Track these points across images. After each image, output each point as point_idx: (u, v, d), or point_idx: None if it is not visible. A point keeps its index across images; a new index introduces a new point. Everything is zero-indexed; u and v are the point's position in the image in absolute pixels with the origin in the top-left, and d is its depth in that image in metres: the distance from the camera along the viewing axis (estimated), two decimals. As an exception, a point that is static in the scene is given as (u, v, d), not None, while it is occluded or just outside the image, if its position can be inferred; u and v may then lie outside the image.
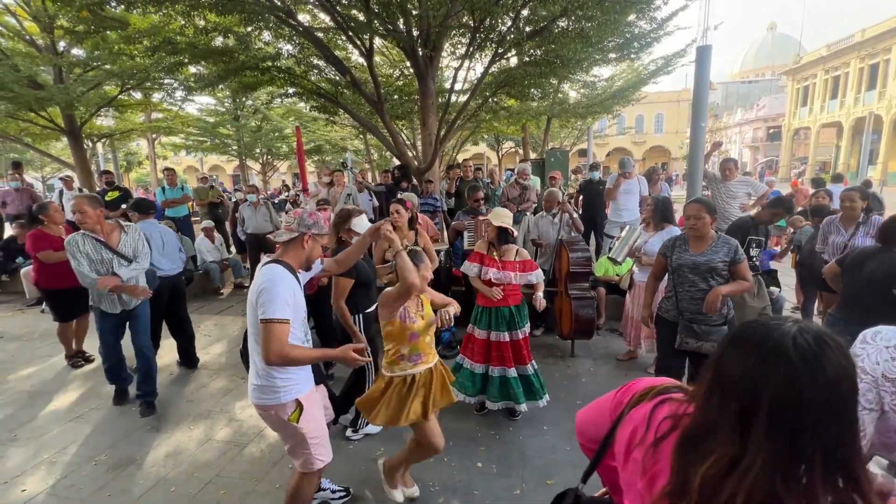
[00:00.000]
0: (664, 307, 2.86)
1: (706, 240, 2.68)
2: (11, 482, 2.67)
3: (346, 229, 2.86)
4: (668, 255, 2.80)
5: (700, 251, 2.66)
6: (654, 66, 11.62)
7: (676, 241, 2.81)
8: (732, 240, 2.67)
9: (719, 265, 2.61)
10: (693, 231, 2.66)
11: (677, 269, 2.72)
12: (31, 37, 8.84)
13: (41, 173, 25.58)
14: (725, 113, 46.02)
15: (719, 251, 2.63)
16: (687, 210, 2.72)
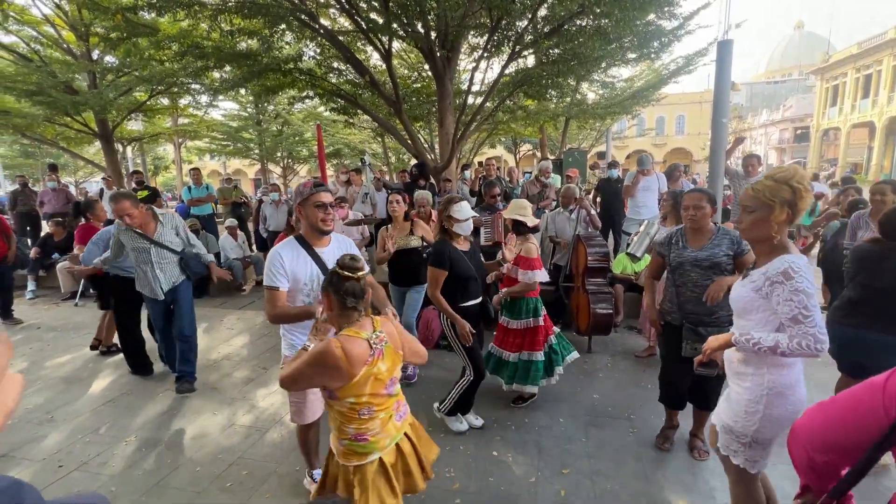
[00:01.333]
0: (665, 309, 2.61)
1: (705, 233, 2.45)
2: (49, 459, 2.82)
3: (446, 216, 2.81)
4: (665, 252, 2.56)
5: (700, 246, 2.43)
6: (674, 65, 11.46)
7: (672, 237, 2.57)
8: (733, 231, 2.44)
9: (723, 259, 2.38)
10: (693, 223, 2.44)
11: (677, 268, 2.49)
12: (68, 45, 9.30)
13: (74, 177, 26.67)
14: (750, 114, 44.91)
15: (721, 244, 2.40)
16: (686, 200, 2.48)
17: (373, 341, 1.53)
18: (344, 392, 1.50)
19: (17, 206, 7.88)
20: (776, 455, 1.66)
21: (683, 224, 2.55)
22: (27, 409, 3.46)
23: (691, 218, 2.44)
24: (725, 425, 1.67)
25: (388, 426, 1.61)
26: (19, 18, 8.51)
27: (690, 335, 2.43)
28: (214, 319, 5.57)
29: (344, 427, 1.56)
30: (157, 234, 3.41)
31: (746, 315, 1.63)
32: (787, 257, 1.52)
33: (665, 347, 2.72)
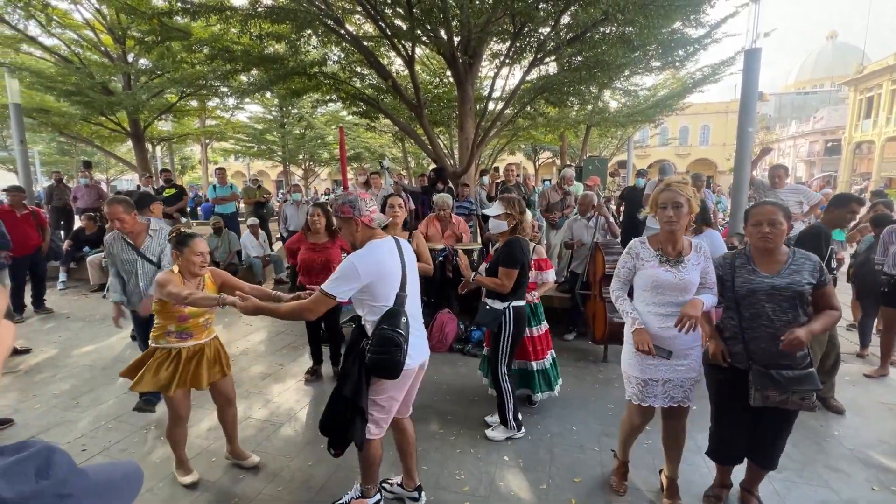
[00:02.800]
0: (729, 350, 2.10)
1: (779, 255, 2.02)
2: (74, 442, 2.92)
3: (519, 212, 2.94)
4: (728, 278, 2.08)
5: (776, 271, 1.98)
6: (699, 74, 11.27)
7: (735, 258, 2.10)
8: (813, 255, 2.02)
9: (806, 289, 1.94)
10: (765, 242, 1.96)
11: (746, 298, 2.02)
12: (106, 48, 9.71)
13: (106, 175, 27.68)
14: (778, 125, 43.75)
15: (801, 271, 1.96)
16: (756, 214, 2.00)
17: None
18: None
19: (52, 201, 8.22)
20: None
21: (747, 244, 2.12)
22: (55, 394, 3.60)
23: (764, 236, 1.96)
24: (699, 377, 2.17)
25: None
26: (62, 22, 8.93)
27: (761, 381, 1.97)
28: (233, 315, 5.68)
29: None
30: (144, 247, 3.20)
31: (692, 293, 2.06)
32: (696, 240, 2.15)
33: (722, 394, 2.18)
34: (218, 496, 2.43)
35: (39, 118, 10.18)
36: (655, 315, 2.11)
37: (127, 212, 3.08)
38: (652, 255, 2.14)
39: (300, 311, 1.99)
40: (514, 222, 2.75)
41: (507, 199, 2.77)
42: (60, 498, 0.58)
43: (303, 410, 3.32)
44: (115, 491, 0.67)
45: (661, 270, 2.07)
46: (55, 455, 0.61)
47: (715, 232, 3.73)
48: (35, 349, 4.52)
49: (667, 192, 2.07)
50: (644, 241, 2.22)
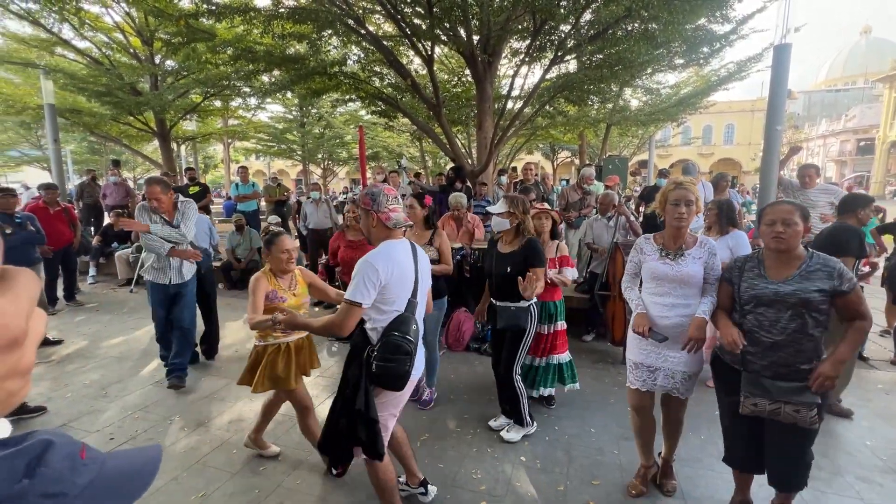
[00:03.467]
0: (725, 349, 2.01)
1: (792, 260, 1.86)
2: (102, 431, 3.02)
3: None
4: (735, 281, 2.00)
5: (784, 277, 1.84)
6: (725, 71, 10.98)
7: (746, 261, 2.01)
8: (834, 260, 1.82)
9: (814, 296, 1.77)
10: (779, 243, 1.83)
11: (750, 303, 1.90)
12: (135, 50, 10.02)
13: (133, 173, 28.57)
14: (807, 124, 42.33)
15: (814, 278, 1.79)
16: (770, 213, 1.87)
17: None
18: None
19: (83, 198, 8.51)
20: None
21: (762, 246, 2.00)
22: (85, 384, 3.73)
23: (777, 237, 1.83)
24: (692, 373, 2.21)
25: None
26: (94, 25, 9.25)
27: (751, 387, 1.87)
28: (254, 311, 5.78)
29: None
30: (175, 220, 3.57)
31: (692, 286, 2.15)
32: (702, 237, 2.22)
33: (728, 401, 2.07)
34: (238, 487, 2.48)
35: (72, 118, 10.56)
36: (656, 304, 2.23)
37: (164, 192, 3.42)
38: (653, 249, 2.26)
39: (331, 327, 1.84)
40: (516, 221, 2.74)
41: (511, 197, 2.78)
42: (47, 498, 0.53)
43: (322, 405, 3.36)
44: (119, 486, 0.62)
45: (659, 263, 2.20)
46: (49, 451, 0.56)
47: (741, 233, 3.62)
48: (66, 340, 4.70)
49: (679, 191, 2.11)
50: (650, 237, 2.32)
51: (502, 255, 2.79)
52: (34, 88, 10.00)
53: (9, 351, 0.28)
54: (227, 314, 5.54)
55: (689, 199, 2.08)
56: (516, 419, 2.91)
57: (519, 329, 2.75)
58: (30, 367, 0.30)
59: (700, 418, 3.13)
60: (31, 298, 0.31)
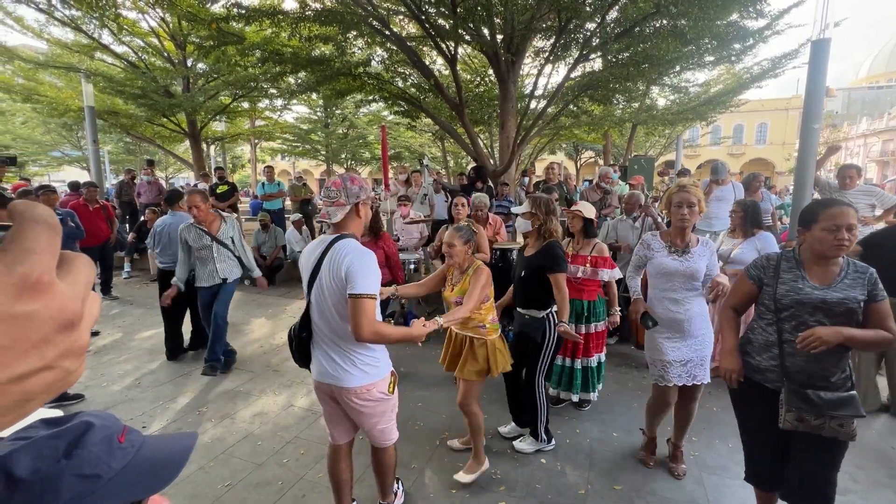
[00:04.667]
0: (756, 365, 1.87)
1: (833, 265, 1.74)
2: (136, 419, 3.15)
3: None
4: (769, 282, 1.84)
5: (828, 282, 1.72)
6: (758, 69, 10.58)
7: (780, 260, 1.85)
8: (866, 266, 1.74)
9: (857, 307, 1.68)
10: (838, 251, 1.68)
11: (789, 309, 1.76)
12: (168, 53, 10.39)
13: (165, 172, 29.61)
14: (846, 123, 40.43)
15: (856, 285, 1.70)
16: (828, 217, 1.68)
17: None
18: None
19: (121, 196, 8.89)
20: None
21: (799, 246, 1.85)
22: (119, 374, 3.89)
23: (840, 243, 1.66)
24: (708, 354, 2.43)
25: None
26: (131, 31, 9.63)
27: (795, 401, 1.72)
28: (278, 307, 5.93)
29: (485, 317, 2.39)
30: (221, 233, 3.79)
31: (697, 280, 2.35)
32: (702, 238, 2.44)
33: (748, 415, 1.99)
34: (262, 478, 2.54)
35: (110, 119, 11.03)
36: (667, 300, 2.40)
37: (203, 200, 3.65)
38: (661, 246, 2.44)
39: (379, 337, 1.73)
40: (538, 222, 2.64)
41: (535, 198, 2.68)
42: (83, 479, 0.56)
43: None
44: (153, 471, 0.64)
45: (668, 260, 2.37)
46: (89, 433, 0.59)
47: (767, 234, 3.51)
48: (103, 332, 4.92)
49: (682, 194, 2.32)
50: (656, 234, 2.52)
51: (523, 258, 2.74)
52: (76, 91, 10.50)
53: (67, 331, 0.30)
54: (253, 310, 5.69)
55: (691, 202, 2.29)
56: (532, 431, 2.78)
57: (533, 340, 2.64)
58: (85, 348, 0.32)
59: (727, 426, 3.03)
60: (87, 282, 0.33)
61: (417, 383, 3.71)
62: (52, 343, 0.29)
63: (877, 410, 3.23)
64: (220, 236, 3.78)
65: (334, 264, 1.73)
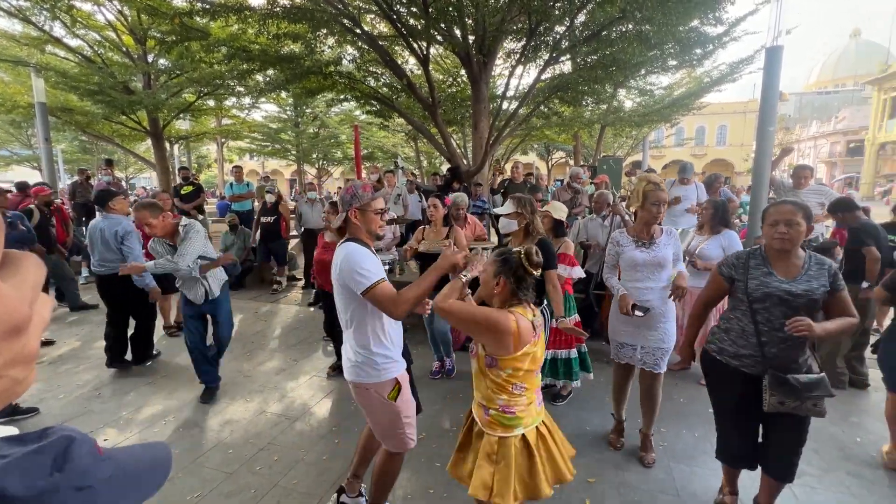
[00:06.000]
0: (735, 352, 2.01)
1: (795, 259, 1.92)
2: (95, 431, 3.00)
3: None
4: (739, 277, 2.01)
5: (793, 276, 1.89)
6: (717, 73, 11.07)
7: (749, 258, 2.01)
8: (827, 259, 1.93)
9: (821, 297, 1.86)
10: (783, 244, 1.88)
11: (759, 301, 1.93)
12: (127, 48, 9.92)
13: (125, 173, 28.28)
14: (798, 125, 42.78)
15: (819, 276, 1.87)
16: (773, 214, 1.91)
17: (536, 324, 1.66)
18: (505, 362, 1.60)
19: (76, 197, 8.42)
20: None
21: (762, 244, 2.04)
22: (78, 384, 3.70)
23: (781, 237, 1.87)
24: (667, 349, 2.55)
25: (532, 407, 1.69)
26: (86, 23, 9.14)
27: (777, 386, 1.88)
28: (248, 311, 5.77)
29: (493, 397, 1.65)
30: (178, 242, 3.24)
31: (665, 267, 2.51)
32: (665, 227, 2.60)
33: (726, 398, 2.11)
34: (234, 487, 2.47)
35: (63, 117, 10.44)
36: (638, 289, 2.54)
37: (154, 215, 3.08)
38: (629, 240, 2.59)
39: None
40: (525, 222, 2.74)
41: (519, 198, 2.77)
42: (78, 491, 0.54)
43: (317, 405, 3.36)
44: (138, 479, 0.63)
45: (637, 252, 2.52)
46: (74, 444, 0.57)
47: (732, 233, 3.68)
48: (58, 341, 4.65)
49: (659, 193, 2.43)
50: (623, 231, 2.67)
51: None
52: (25, 86, 9.89)
53: (13, 337, 0.27)
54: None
55: (665, 200, 2.46)
56: None
57: None
58: (35, 354, 0.29)
59: (695, 416, 3.17)
60: (35, 284, 0.31)
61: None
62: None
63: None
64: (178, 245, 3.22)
65: (336, 267, 1.87)
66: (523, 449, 1.64)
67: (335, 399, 3.47)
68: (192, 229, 3.24)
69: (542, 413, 1.76)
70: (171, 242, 3.22)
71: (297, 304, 6.15)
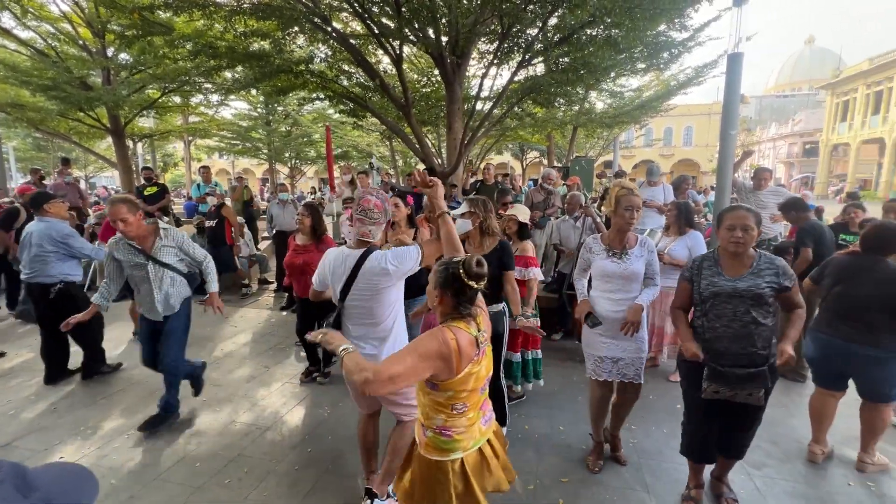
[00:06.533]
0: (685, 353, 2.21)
1: (745, 259, 2.08)
2: (51, 449, 2.84)
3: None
4: (695, 279, 2.18)
5: (739, 275, 2.06)
6: (683, 76, 11.46)
7: (704, 261, 2.20)
8: (778, 259, 2.08)
9: (766, 292, 2.00)
10: (737, 247, 2.03)
11: (711, 300, 2.10)
12: (84, 42, 9.44)
13: (84, 172, 26.96)
14: (759, 127, 44.76)
15: (764, 274, 2.03)
16: (728, 219, 2.06)
17: (480, 340, 1.49)
18: (446, 385, 1.46)
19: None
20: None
21: (718, 246, 2.17)
22: (31, 399, 3.49)
23: (736, 241, 2.02)
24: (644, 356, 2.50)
25: (474, 428, 1.56)
26: (38, 14, 8.65)
27: (713, 376, 2.07)
28: (218, 316, 5.58)
29: (432, 416, 1.52)
30: (156, 250, 2.91)
31: (636, 281, 2.43)
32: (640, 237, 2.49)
33: (691, 390, 2.24)
34: (202, 502, 2.38)
35: (14, 113, 9.87)
36: (607, 300, 2.47)
37: (131, 212, 2.80)
38: (601, 248, 2.50)
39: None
40: (478, 220, 2.72)
41: (472, 199, 2.78)
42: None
43: (289, 414, 3.28)
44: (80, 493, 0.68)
45: (607, 262, 2.43)
46: (26, 472, 0.63)
47: (697, 233, 3.80)
48: (9, 353, 4.39)
49: (632, 198, 2.38)
50: (597, 237, 2.58)
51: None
52: (-30, 81, 9.29)
53: None
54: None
55: (638, 206, 2.39)
56: (500, 418, 2.87)
57: (497, 334, 2.72)
58: None
59: (663, 412, 3.25)
60: None
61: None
62: None
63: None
64: (155, 253, 2.90)
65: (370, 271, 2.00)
66: (461, 474, 1.51)
67: (308, 406, 3.40)
68: (173, 230, 3.04)
69: (489, 432, 1.62)
70: (139, 246, 2.88)
71: (268, 308, 6.00)
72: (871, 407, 2.59)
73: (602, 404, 2.62)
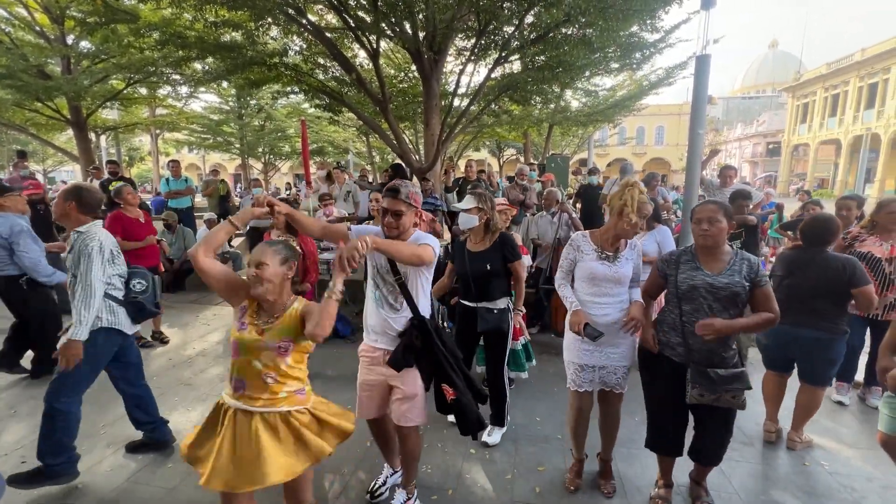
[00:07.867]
0: (665, 341, 2.17)
1: (721, 254, 2.07)
2: (11, 454, 2.72)
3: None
4: (671, 273, 2.15)
5: (718, 271, 2.04)
6: (655, 77, 11.80)
7: (681, 255, 2.17)
8: (754, 257, 2.08)
9: (741, 290, 1.99)
10: (706, 240, 2.03)
11: (688, 294, 2.07)
12: (41, 28, 8.96)
13: (42, 165, 25.63)
14: (726, 127, 46.45)
15: (741, 271, 2.02)
16: (697, 213, 2.06)
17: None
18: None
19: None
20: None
21: (693, 241, 2.16)
22: (-12, 403, 3.32)
23: (704, 234, 2.02)
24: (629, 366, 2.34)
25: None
26: (-11, -2, 8.17)
27: (699, 378, 2.03)
28: (190, 314, 5.44)
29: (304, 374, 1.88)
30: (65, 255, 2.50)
31: (624, 284, 2.27)
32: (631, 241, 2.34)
33: (657, 386, 2.23)
34: (179, 502, 2.33)
35: (-37, 103, 9.29)
36: (595, 304, 2.28)
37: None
38: (591, 249, 2.30)
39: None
40: (485, 217, 2.71)
41: (479, 194, 2.74)
42: None
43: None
44: None
45: (597, 264, 2.25)
46: None
47: (665, 228, 3.93)
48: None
49: (649, 206, 2.20)
50: (586, 235, 2.36)
51: (475, 254, 2.72)
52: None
53: None
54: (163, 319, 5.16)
55: (646, 213, 2.17)
56: (496, 420, 2.89)
57: (502, 332, 2.72)
58: None
59: (634, 401, 3.32)
60: None
61: (342, 383, 3.62)
62: None
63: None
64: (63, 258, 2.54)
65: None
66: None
67: (285, 404, 3.35)
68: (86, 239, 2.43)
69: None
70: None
71: (242, 305, 5.87)
72: (809, 390, 2.79)
73: (582, 417, 2.41)
